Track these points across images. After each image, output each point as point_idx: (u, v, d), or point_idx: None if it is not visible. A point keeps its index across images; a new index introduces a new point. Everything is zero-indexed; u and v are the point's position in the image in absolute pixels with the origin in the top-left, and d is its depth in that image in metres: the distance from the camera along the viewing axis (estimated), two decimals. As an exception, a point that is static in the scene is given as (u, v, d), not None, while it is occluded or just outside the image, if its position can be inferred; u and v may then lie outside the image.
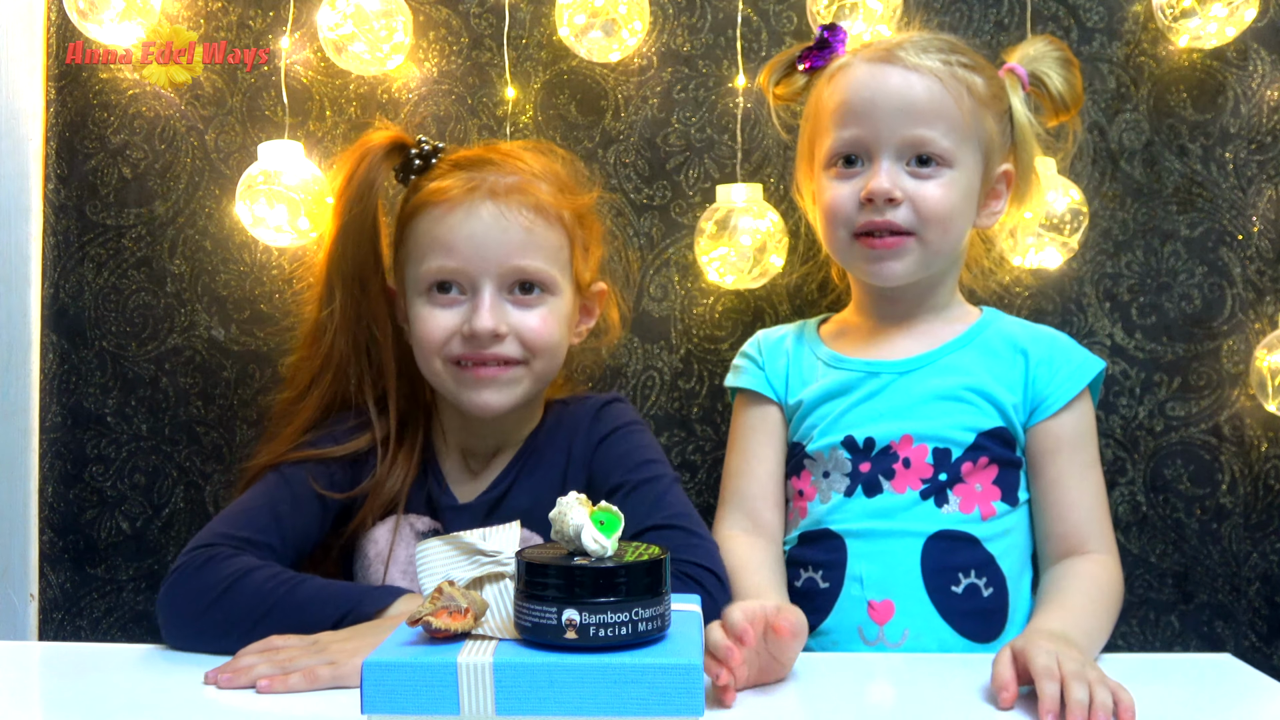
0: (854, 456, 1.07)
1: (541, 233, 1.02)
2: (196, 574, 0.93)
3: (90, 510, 1.36)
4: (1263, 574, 1.29)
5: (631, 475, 1.02)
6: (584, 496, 0.64)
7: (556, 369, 1.07)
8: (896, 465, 1.06)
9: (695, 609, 0.69)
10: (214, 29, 1.34)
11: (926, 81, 1.05)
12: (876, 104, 1.05)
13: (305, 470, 1.04)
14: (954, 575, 1.03)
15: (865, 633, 1.03)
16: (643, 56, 1.32)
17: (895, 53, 1.06)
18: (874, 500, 1.06)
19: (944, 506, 1.05)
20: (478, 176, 1.03)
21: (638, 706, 0.58)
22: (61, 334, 1.36)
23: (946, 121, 1.05)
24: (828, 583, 1.06)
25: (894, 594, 1.03)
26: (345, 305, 1.06)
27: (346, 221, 1.06)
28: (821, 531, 1.07)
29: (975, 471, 1.06)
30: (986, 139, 1.08)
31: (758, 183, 1.26)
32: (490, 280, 1.01)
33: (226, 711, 0.79)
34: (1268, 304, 1.29)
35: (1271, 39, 1.29)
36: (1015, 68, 1.14)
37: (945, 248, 1.08)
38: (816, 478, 1.09)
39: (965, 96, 1.06)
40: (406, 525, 1.06)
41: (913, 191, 1.05)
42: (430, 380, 1.06)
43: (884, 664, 0.97)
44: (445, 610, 0.62)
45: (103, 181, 1.35)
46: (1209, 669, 0.93)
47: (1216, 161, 1.30)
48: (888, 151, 1.05)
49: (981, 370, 1.08)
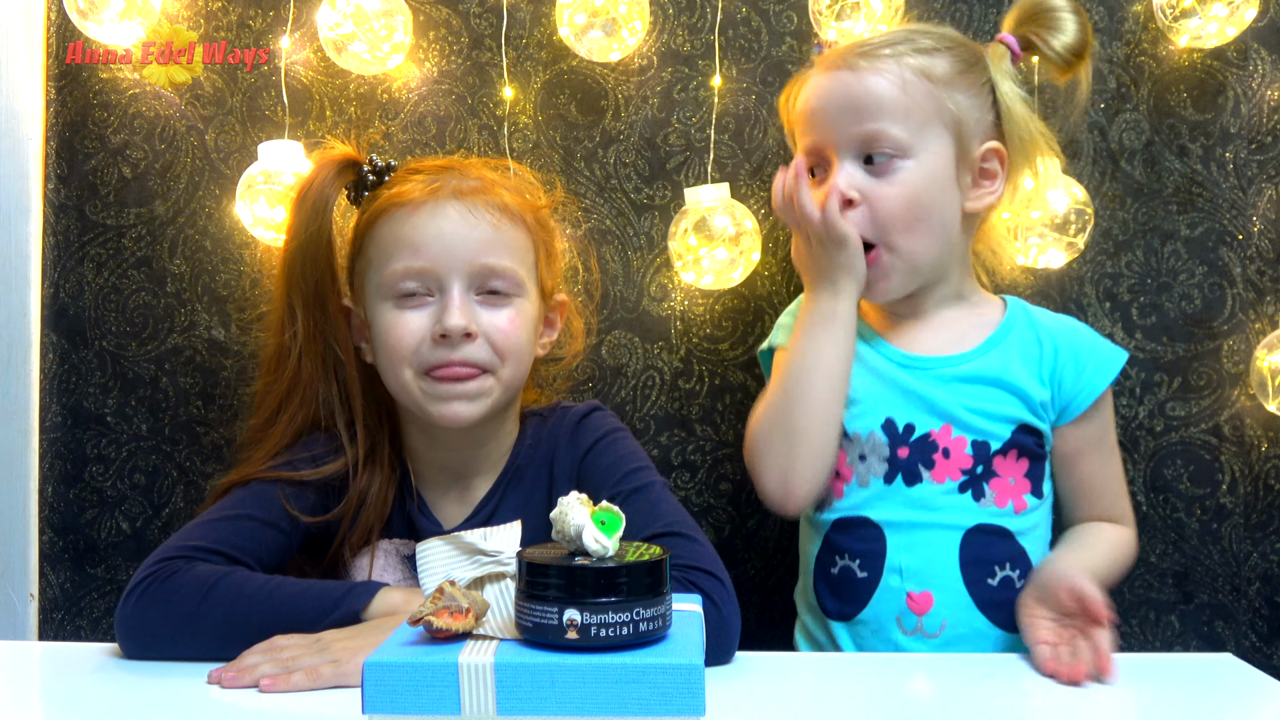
0: (892, 441, 1.07)
1: (508, 232, 1.02)
2: (168, 583, 0.90)
3: (90, 510, 1.36)
4: (1263, 574, 1.29)
5: (622, 485, 1.01)
6: (584, 496, 0.64)
7: (524, 377, 1.05)
8: (936, 455, 1.06)
9: (696, 609, 0.69)
10: (214, 29, 1.34)
11: (869, 78, 1.05)
12: (824, 109, 1.07)
13: (277, 488, 1.01)
14: (990, 568, 1.05)
15: (904, 623, 1.05)
16: (643, 56, 1.32)
17: (846, 57, 1.07)
18: (914, 490, 1.06)
19: (981, 500, 1.06)
20: (440, 179, 1.02)
21: (639, 706, 0.58)
22: (61, 334, 1.36)
23: (895, 110, 1.04)
24: (865, 572, 1.06)
25: (933, 585, 1.04)
26: (307, 325, 1.04)
27: (303, 241, 1.03)
28: (859, 520, 1.07)
29: (1008, 464, 1.07)
30: (954, 119, 1.06)
31: (724, 181, 1.26)
32: (459, 279, 0.99)
33: (227, 711, 0.79)
34: (1268, 304, 1.29)
35: (1271, 39, 1.29)
36: (1004, 38, 1.12)
37: (919, 246, 1.06)
38: (853, 459, 1.08)
39: (916, 81, 1.05)
40: (393, 551, 1.05)
41: (869, 191, 1.05)
42: (397, 394, 1.03)
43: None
44: (446, 610, 0.62)
45: (103, 181, 1.35)
46: (1209, 669, 0.93)
47: (1217, 161, 1.30)
48: (843, 153, 1.06)
49: (1016, 364, 1.09)
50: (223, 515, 0.99)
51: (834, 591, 1.09)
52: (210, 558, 0.94)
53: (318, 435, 1.06)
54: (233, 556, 0.95)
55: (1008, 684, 0.88)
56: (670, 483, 1.21)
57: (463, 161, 1.08)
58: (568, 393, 1.29)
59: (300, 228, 1.04)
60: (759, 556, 1.32)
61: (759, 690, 0.84)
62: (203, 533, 0.96)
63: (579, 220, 1.32)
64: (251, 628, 0.87)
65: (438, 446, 1.07)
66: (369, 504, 1.03)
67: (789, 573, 1.31)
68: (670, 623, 0.63)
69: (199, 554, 0.94)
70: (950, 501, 1.06)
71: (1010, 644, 1.04)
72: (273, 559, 1.00)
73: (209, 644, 0.88)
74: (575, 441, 1.06)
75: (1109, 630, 0.90)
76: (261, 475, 1.02)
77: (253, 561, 0.97)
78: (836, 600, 1.08)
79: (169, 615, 0.89)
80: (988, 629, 1.04)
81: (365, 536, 1.04)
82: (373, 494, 1.04)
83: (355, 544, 1.04)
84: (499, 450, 1.08)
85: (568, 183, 1.32)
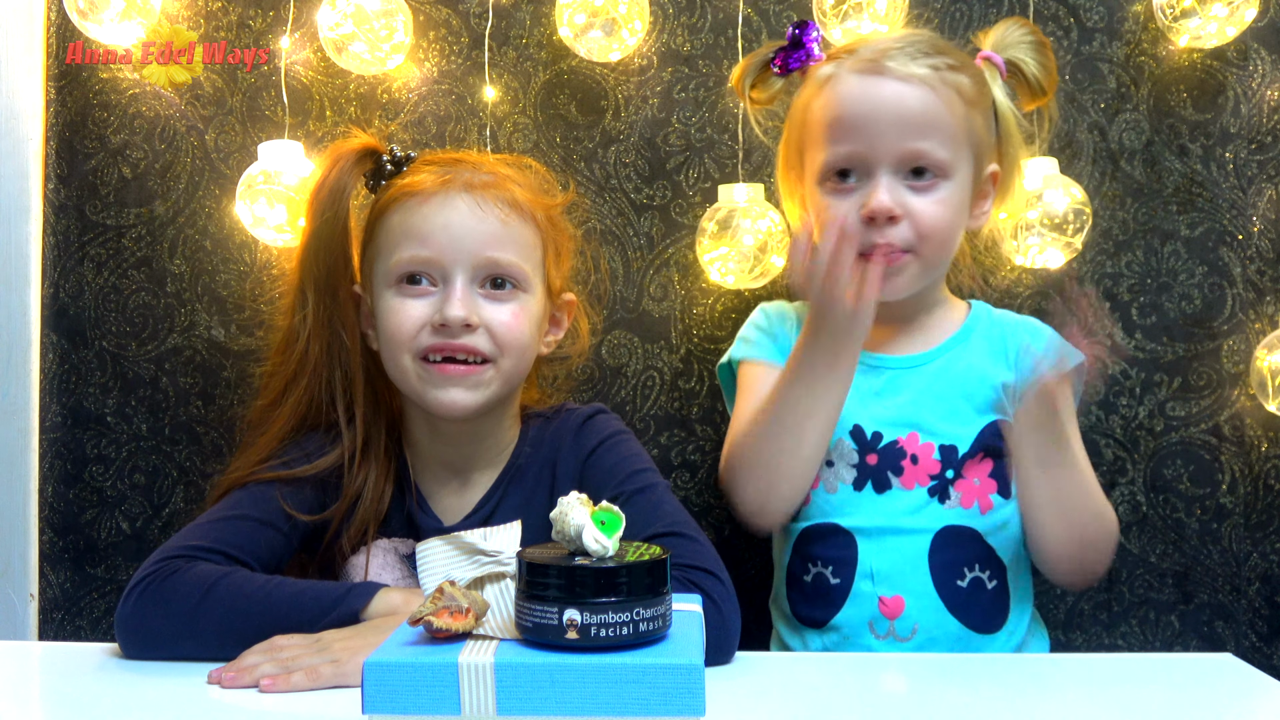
0: (860, 448, 1.08)
1: (516, 227, 1.02)
2: (168, 581, 0.91)
3: (90, 510, 1.36)
4: (1263, 574, 1.29)
5: (624, 486, 1.01)
6: (585, 496, 0.64)
7: (525, 372, 1.06)
8: (904, 462, 1.07)
9: (696, 609, 0.69)
10: (214, 29, 1.34)
11: (919, 92, 1.03)
12: (872, 119, 1.03)
13: (274, 489, 1.02)
14: (959, 570, 1.05)
15: (876, 627, 1.05)
16: (643, 56, 1.32)
17: (884, 63, 1.04)
18: (884, 497, 1.06)
19: (946, 503, 1.06)
20: (452, 171, 1.03)
21: (639, 706, 0.58)
22: (61, 334, 1.36)
23: (941, 131, 1.04)
24: (838, 579, 1.06)
25: (904, 589, 1.04)
26: (317, 310, 1.05)
27: (318, 226, 1.05)
28: (831, 527, 1.07)
29: (974, 466, 1.07)
30: (977, 140, 1.08)
31: (759, 183, 1.26)
32: (463, 271, 1.00)
33: (227, 711, 0.79)
34: (1268, 304, 1.29)
35: (1271, 39, 1.29)
36: (991, 56, 1.12)
37: (942, 259, 1.09)
38: (821, 466, 1.08)
39: (956, 101, 1.04)
40: (391, 550, 1.05)
41: (911, 206, 1.04)
42: (397, 381, 1.04)
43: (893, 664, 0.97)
44: (446, 610, 0.61)
45: (103, 181, 1.35)
46: (1209, 669, 0.93)
47: (1216, 161, 1.30)
48: (885, 166, 1.04)
49: (980, 363, 1.10)
50: (222, 516, 0.99)
51: (806, 599, 1.09)
52: (211, 557, 0.94)
53: (313, 435, 1.06)
54: (232, 556, 0.96)
55: (1008, 684, 0.88)
56: (670, 483, 1.21)
57: (478, 156, 1.09)
58: (569, 393, 1.29)
59: (317, 214, 1.06)
60: (759, 556, 1.32)
61: (759, 690, 0.84)
62: (203, 533, 0.97)
63: (579, 220, 1.32)
64: (250, 627, 0.87)
65: (439, 440, 1.07)
66: (365, 498, 1.04)
67: (789, 573, 1.32)
68: (670, 623, 0.63)
69: (199, 553, 0.94)
70: (919, 505, 1.06)
71: (981, 645, 1.05)
72: (272, 559, 1.00)
73: (208, 643, 0.88)
74: (579, 443, 1.07)
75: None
76: (259, 477, 1.03)
77: (252, 561, 0.97)
78: (809, 607, 1.08)
79: (168, 614, 0.90)
80: (960, 631, 1.04)
81: (362, 534, 1.04)
82: (369, 488, 1.04)
83: (353, 542, 1.04)
84: (498, 446, 1.08)
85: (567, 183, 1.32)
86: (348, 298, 1.06)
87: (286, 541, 1.02)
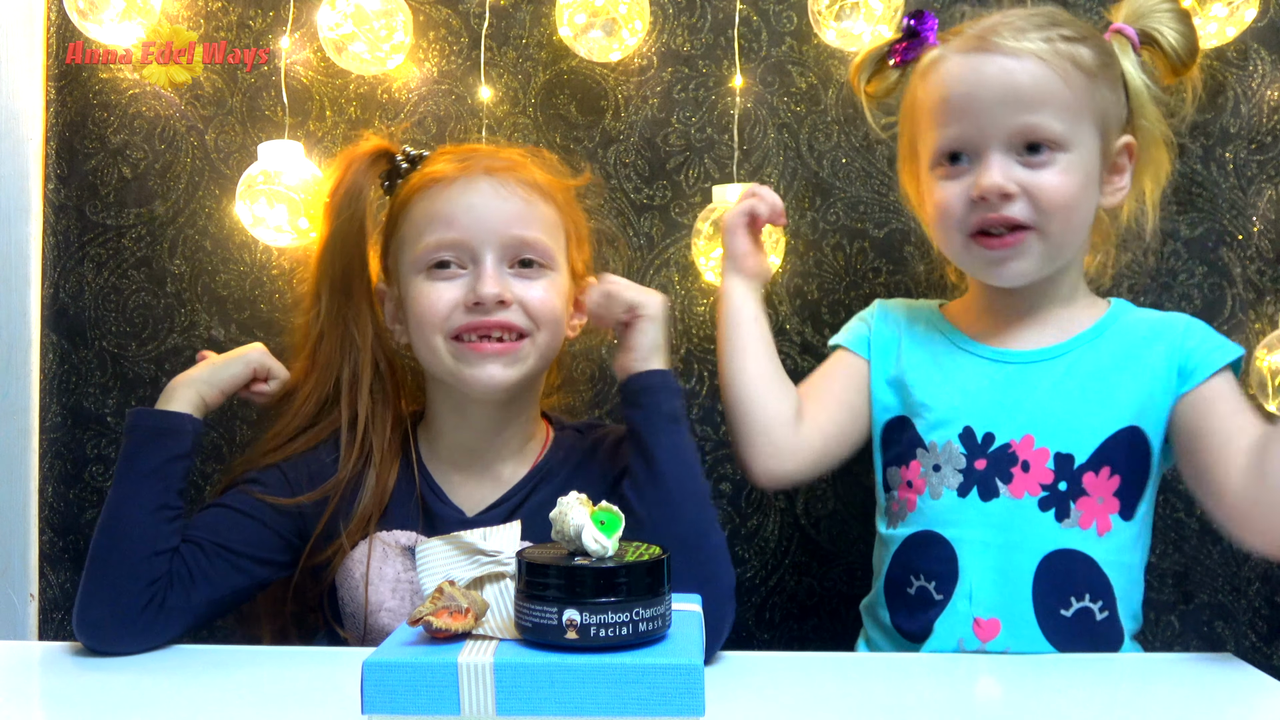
0: (969, 451, 1.02)
1: (540, 207, 1.03)
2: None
3: (90, 510, 1.36)
4: (1263, 574, 1.29)
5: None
6: (584, 496, 0.64)
7: (558, 348, 1.06)
8: (1015, 468, 1.00)
9: (696, 609, 0.69)
10: (214, 29, 1.34)
11: (1027, 65, 0.98)
12: (977, 97, 0.99)
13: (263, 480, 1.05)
14: (1065, 599, 0.98)
15: (965, 645, 0.99)
16: (643, 56, 1.32)
17: (990, 39, 0.99)
18: (990, 505, 1.00)
19: (1064, 521, 0.99)
20: (471, 158, 1.05)
21: (639, 706, 0.58)
22: (61, 334, 1.36)
23: (1055, 103, 0.98)
24: (941, 595, 1.01)
25: (1001, 613, 0.99)
26: (330, 309, 1.07)
27: (336, 228, 1.07)
28: (932, 536, 1.02)
29: (1098, 483, 1.00)
30: (1101, 113, 1.01)
31: (754, 183, 1.26)
32: (491, 250, 1.00)
33: (226, 711, 0.79)
34: (1268, 304, 1.29)
35: (1271, 39, 1.29)
36: (1123, 28, 1.07)
37: (1069, 238, 1.02)
38: (926, 469, 1.03)
39: (1072, 72, 0.98)
40: (392, 541, 1.05)
41: (1028, 182, 0.99)
42: (429, 364, 1.04)
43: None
44: (446, 610, 0.62)
45: (103, 181, 1.35)
46: (1209, 669, 0.93)
47: (1217, 161, 1.30)
48: (995, 145, 0.99)
49: (1111, 365, 1.02)
50: (203, 508, 1.03)
51: (903, 611, 1.04)
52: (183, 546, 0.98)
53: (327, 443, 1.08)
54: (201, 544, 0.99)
55: (1008, 684, 0.88)
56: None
57: (494, 145, 1.11)
58: (570, 394, 1.29)
59: (334, 216, 1.07)
60: (759, 556, 1.32)
61: (759, 690, 0.84)
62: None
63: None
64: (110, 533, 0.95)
65: (465, 427, 1.07)
66: (365, 492, 1.04)
67: (789, 573, 1.31)
68: (670, 623, 0.63)
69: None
70: (1029, 519, 0.99)
71: None
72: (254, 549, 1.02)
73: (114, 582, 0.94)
74: (614, 461, 1.07)
75: None
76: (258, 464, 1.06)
77: (234, 548, 1.00)
78: (904, 619, 1.04)
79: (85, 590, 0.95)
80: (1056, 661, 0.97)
81: (364, 527, 1.04)
82: (368, 483, 1.04)
83: (353, 537, 1.04)
84: (522, 436, 1.08)
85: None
86: (362, 297, 1.07)
87: (269, 530, 1.03)
